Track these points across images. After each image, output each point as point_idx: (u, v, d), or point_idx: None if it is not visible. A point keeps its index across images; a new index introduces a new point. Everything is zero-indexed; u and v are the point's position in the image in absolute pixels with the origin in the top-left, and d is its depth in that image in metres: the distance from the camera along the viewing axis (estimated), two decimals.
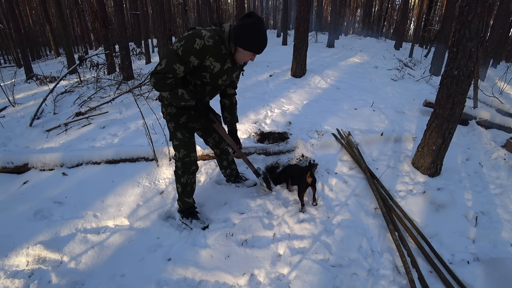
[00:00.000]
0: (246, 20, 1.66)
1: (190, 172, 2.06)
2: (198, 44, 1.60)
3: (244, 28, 1.66)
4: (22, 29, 13.11)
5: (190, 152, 2.02)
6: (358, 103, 4.61)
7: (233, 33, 1.69)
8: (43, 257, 1.92)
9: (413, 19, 26.90)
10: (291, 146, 3.11)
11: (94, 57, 7.43)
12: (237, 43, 1.71)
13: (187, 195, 2.12)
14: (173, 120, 1.95)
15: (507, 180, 2.76)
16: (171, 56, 1.62)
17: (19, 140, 3.86)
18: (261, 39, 1.69)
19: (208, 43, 1.62)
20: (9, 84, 6.48)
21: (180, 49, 1.60)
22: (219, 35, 1.68)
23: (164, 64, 1.62)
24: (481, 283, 1.71)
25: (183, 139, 1.98)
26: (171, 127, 1.97)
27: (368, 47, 11.61)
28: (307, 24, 5.80)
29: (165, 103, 1.94)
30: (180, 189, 2.09)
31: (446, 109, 2.44)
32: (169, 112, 1.93)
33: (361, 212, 2.26)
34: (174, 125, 1.96)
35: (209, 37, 1.62)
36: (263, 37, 1.70)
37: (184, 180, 2.07)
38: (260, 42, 1.70)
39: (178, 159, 2.03)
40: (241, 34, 1.67)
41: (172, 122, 1.95)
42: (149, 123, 3.47)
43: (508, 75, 6.95)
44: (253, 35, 1.67)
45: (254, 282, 1.72)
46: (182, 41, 1.61)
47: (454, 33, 2.34)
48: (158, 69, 1.64)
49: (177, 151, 2.01)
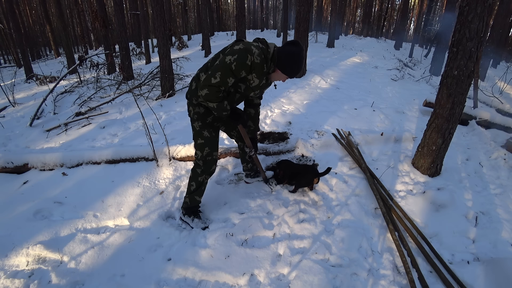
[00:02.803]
0: (291, 48, 1.79)
1: (210, 171, 2.11)
2: (249, 60, 1.71)
3: (289, 55, 1.79)
4: (22, 29, 13.12)
5: (213, 150, 2.06)
6: (358, 103, 4.61)
7: (276, 55, 1.81)
8: (43, 257, 1.92)
9: (413, 19, 26.91)
10: (291, 146, 3.11)
11: (94, 57, 7.44)
12: (277, 65, 1.83)
13: (198, 194, 2.14)
14: (200, 119, 1.97)
15: (507, 180, 2.76)
16: (225, 69, 1.69)
17: (19, 140, 3.86)
18: (299, 67, 1.84)
19: (256, 60, 1.73)
20: (9, 84, 6.48)
21: (233, 64, 1.68)
22: (265, 54, 1.78)
23: (219, 78, 1.69)
24: (481, 283, 1.71)
25: (209, 137, 2.02)
26: (197, 125, 1.99)
27: (368, 47, 11.60)
28: (307, 24, 5.80)
29: (193, 103, 1.95)
30: (194, 187, 2.11)
31: (446, 109, 2.44)
32: (197, 112, 1.96)
33: (361, 212, 2.26)
34: (201, 124, 1.98)
35: (257, 54, 1.73)
36: (301, 66, 1.85)
37: (201, 179, 2.10)
38: (298, 69, 1.85)
39: (200, 157, 2.05)
40: (283, 58, 1.80)
41: (199, 121, 1.98)
42: (149, 123, 3.47)
43: (508, 75, 6.95)
44: (294, 62, 1.81)
45: (254, 282, 1.72)
46: (235, 55, 1.68)
47: (454, 33, 2.33)
48: (213, 82, 1.69)
49: (200, 149, 2.03)
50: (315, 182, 2.40)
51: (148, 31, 13.26)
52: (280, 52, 1.81)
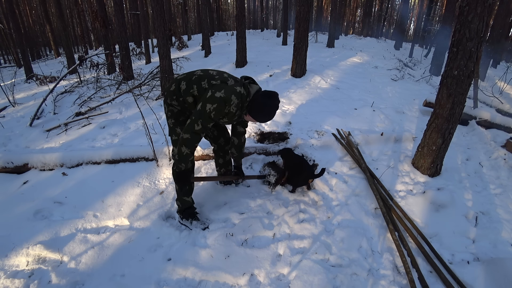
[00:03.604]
0: (266, 101, 1.87)
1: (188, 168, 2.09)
2: (226, 109, 1.82)
3: (260, 106, 1.88)
4: (22, 29, 13.11)
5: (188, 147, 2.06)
6: (358, 103, 4.61)
7: (249, 103, 1.90)
8: (43, 257, 1.92)
9: (413, 19, 26.90)
10: (291, 146, 3.11)
11: (94, 57, 7.44)
12: (250, 111, 1.92)
13: (185, 194, 2.12)
14: (173, 117, 2.04)
15: (507, 180, 2.76)
16: (205, 117, 1.79)
17: (19, 140, 3.85)
18: (268, 118, 1.94)
19: (232, 111, 1.85)
20: (9, 84, 6.48)
21: (213, 113, 1.78)
22: (243, 102, 1.88)
23: (201, 125, 1.80)
24: (481, 283, 1.72)
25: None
26: (171, 123, 2.06)
27: (368, 47, 11.60)
28: (307, 24, 5.80)
29: (167, 102, 2.02)
30: (178, 187, 2.09)
31: (446, 109, 2.44)
32: (170, 109, 2.03)
33: (361, 212, 2.26)
34: (174, 121, 2.05)
35: (235, 105, 1.83)
36: (270, 117, 1.94)
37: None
38: (266, 119, 1.95)
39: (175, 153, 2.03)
40: (256, 109, 1.89)
41: (173, 118, 2.05)
42: (149, 123, 3.47)
43: (508, 75, 6.94)
44: (264, 114, 1.91)
45: (254, 282, 1.72)
46: (214, 104, 1.76)
47: (454, 33, 2.33)
48: (196, 129, 1.80)
49: (174, 145, 2.07)
50: (310, 181, 2.43)
51: (148, 31, 13.25)
52: (255, 102, 1.88)
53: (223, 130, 2.34)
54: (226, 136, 2.36)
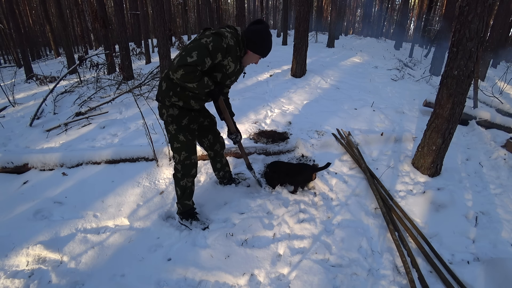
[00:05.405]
0: (256, 26, 1.81)
1: (190, 175, 2.05)
2: (224, 43, 1.66)
3: (255, 33, 1.79)
4: (22, 29, 13.10)
5: (191, 154, 1.99)
6: (358, 103, 4.61)
7: (244, 37, 1.80)
8: (43, 257, 1.92)
9: (413, 19, 26.90)
10: (291, 146, 3.11)
11: (94, 57, 7.44)
12: (247, 46, 1.82)
13: (186, 198, 2.11)
14: (175, 122, 1.89)
15: (507, 180, 2.76)
16: (202, 49, 1.59)
17: (19, 140, 3.85)
18: (269, 43, 1.85)
19: (230, 43, 1.70)
20: (9, 84, 6.47)
21: (210, 44, 1.61)
22: (236, 37, 1.77)
23: (196, 56, 1.57)
24: (481, 283, 1.71)
25: (185, 142, 1.94)
26: (172, 129, 1.91)
27: (368, 47, 11.61)
28: (307, 24, 5.80)
29: (166, 104, 1.86)
30: (180, 193, 2.08)
31: (446, 109, 2.44)
32: (170, 114, 1.87)
33: (361, 212, 2.26)
34: (177, 127, 1.90)
35: (230, 37, 1.71)
36: (270, 42, 1.85)
37: (184, 183, 2.05)
38: (268, 46, 1.85)
39: (178, 161, 1.99)
40: (252, 38, 1.80)
41: (174, 124, 1.90)
42: (149, 123, 3.47)
43: (508, 75, 6.95)
44: (263, 39, 1.81)
45: (254, 282, 1.72)
46: (209, 38, 1.62)
47: (454, 33, 2.33)
48: (189, 61, 1.56)
49: (177, 153, 1.97)
50: (313, 178, 2.39)
51: (148, 31, 13.26)
52: (247, 32, 1.80)
53: (217, 135, 2.28)
54: (221, 141, 2.33)
